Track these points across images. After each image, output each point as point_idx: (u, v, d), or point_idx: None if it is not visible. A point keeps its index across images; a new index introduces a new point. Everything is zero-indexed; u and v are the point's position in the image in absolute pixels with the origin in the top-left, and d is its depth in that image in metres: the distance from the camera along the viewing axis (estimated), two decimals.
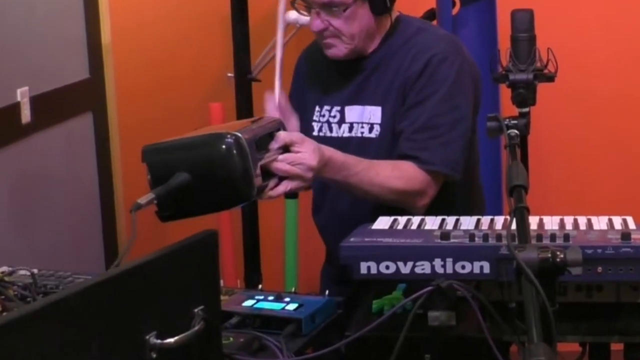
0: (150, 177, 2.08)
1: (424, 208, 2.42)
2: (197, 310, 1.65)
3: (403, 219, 2.18)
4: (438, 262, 1.93)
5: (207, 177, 2.05)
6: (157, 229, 2.20)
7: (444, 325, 1.94)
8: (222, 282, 1.89)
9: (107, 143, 3.97)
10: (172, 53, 4.23)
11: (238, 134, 2.07)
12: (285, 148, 2.21)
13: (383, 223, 2.17)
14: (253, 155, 2.08)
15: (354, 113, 2.56)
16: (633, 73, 4.02)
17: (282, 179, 2.21)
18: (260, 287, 2.23)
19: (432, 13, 3.57)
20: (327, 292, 2.13)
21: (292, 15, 2.88)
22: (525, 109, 2.13)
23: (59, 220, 3.62)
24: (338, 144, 2.43)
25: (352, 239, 2.03)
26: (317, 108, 2.63)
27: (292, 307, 2.04)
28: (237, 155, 2.05)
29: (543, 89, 2.73)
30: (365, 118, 2.54)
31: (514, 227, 1.71)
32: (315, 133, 2.60)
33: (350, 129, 2.57)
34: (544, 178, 3.96)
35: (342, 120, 2.58)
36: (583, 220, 2.10)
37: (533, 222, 2.06)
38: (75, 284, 2.09)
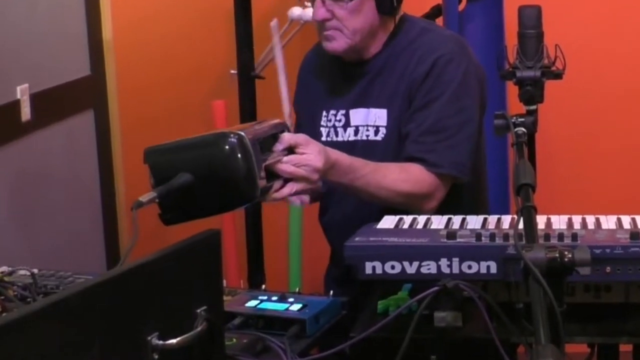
0: (153, 178, 2.08)
1: (432, 211, 2.38)
2: (199, 311, 1.64)
3: (409, 218, 2.16)
4: (444, 262, 1.91)
5: (210, 177, 2.04)
6: (159, 229, 2.19)
7: (450, 326, 1.93)
8: (225, 282, 1.88)
9: (108, 141, 3.96)
10: (174, 50, 4.21)
11: (241, 133, 2.06)
12: (290, 150, 2.19)
13: (388, 222, 2.15)
14: (257, 156, 2.07)
15: (359, 116, 2.54)
16: None
17: (287, 181, 2.19)
18: (264, 287, 2.22)
19: (438, 9, 3.55)
20: (331, 292, 2.12)
21: (295, 12, 2.87)
22: (533, 107, 2.12)
23: (60, 220, 3.60)
24: (344, 148, 2.41)
25: (357, 239, 2.01)
26: (324, 113, 2.61)
27: (296, 307, 2.03)
28: (240, 155, 2.03)
29: (551, 86, 2.71)
30: (371, 121, 2.52)
31: (522, 226, 1.70)
32: (324, 138, 2.58)
33: (356, 132, 2.55)
34: (552, 176, 3.94)
35: (347, 124, 2.56)
36: (591, 220, 2.08)
37: (541, 221, 2.04)
38: (76, 284, 2.09)
